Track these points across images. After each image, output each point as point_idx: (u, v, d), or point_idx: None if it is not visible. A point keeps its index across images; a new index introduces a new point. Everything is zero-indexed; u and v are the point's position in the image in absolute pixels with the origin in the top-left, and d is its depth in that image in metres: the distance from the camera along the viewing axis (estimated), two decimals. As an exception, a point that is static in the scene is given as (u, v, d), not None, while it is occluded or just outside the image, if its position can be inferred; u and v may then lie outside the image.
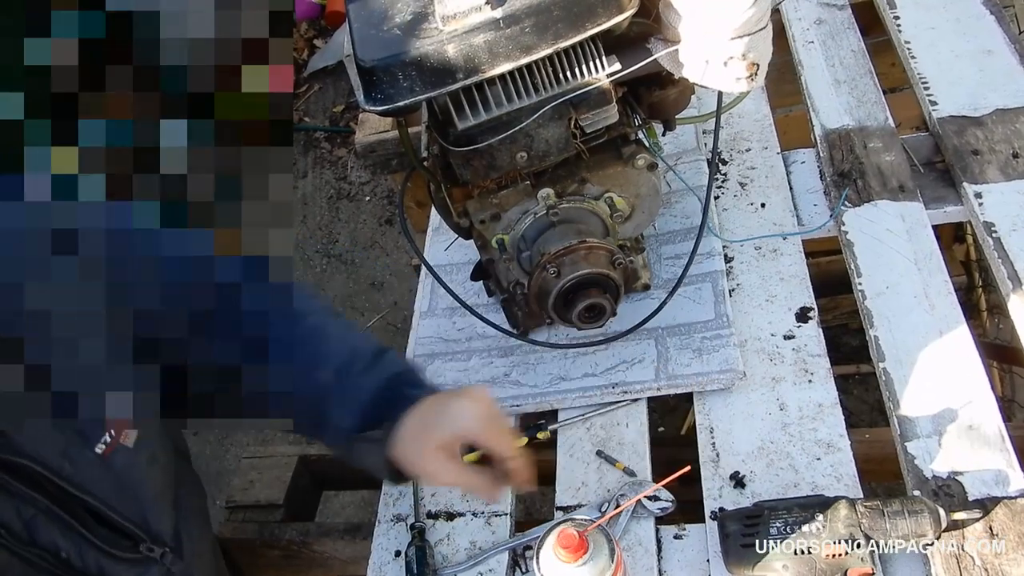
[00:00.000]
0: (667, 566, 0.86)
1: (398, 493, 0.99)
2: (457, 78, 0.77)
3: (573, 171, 0.93)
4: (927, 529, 0.75)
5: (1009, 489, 0.81)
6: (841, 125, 1.22)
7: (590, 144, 0.90)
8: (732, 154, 1.25)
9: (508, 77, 0.79)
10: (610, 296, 0.93)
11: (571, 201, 0.94)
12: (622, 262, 0.94)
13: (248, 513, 1.12)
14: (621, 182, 0.95)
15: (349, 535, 1.07)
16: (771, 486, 0.88)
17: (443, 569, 0.90)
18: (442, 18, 0.77)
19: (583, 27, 0.77)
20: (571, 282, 0.92)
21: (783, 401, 0.94)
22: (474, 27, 0.76)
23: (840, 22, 1.39)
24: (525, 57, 0.77)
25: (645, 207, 0.98)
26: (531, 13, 0.76)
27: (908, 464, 0.85)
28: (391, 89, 0.78)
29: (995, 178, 1.08)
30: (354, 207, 3.02)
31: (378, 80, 0.78)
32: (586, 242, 0.92)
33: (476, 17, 0.76)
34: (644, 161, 0.93)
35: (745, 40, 0.78)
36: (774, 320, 1.02)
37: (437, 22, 0.77)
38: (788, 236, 1.11)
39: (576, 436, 0.99)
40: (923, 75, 1.25)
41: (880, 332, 0.96)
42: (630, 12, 0.79)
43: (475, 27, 0.76)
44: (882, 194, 1.11)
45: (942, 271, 1.01)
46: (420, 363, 1.06)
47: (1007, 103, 1.17)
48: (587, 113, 0.85)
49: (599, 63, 0.81)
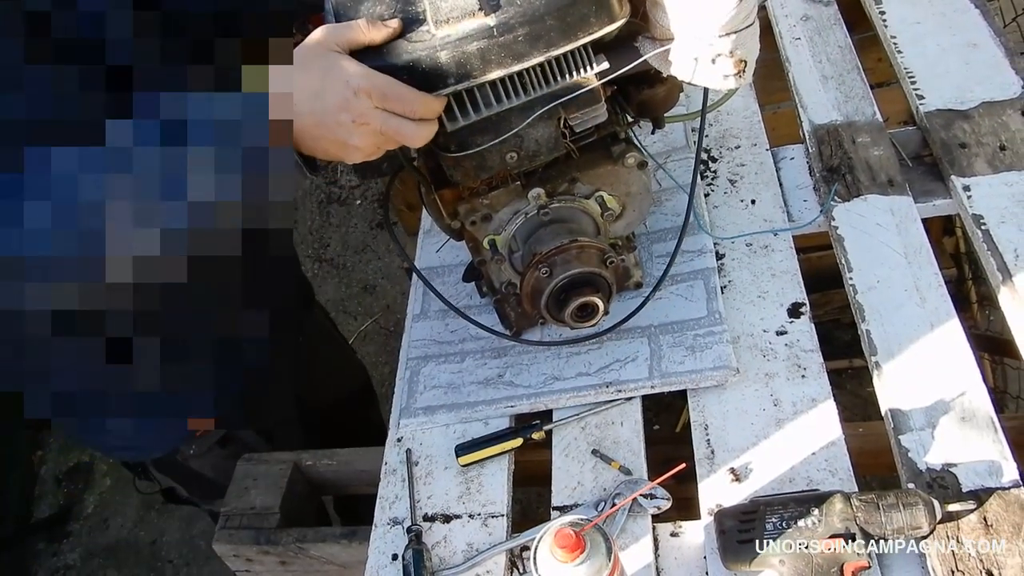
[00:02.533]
0: (664, 564, 0.86)
1: (394, 496, 0.99)
2: (448, 83, 0.77)
3: (563, 170, 0.93)
4: (922, 521, 0.76)
5: (1003, 480, 0.81)
6: (829, 121, 1.22)
7: (579, 143, 0.90)
8: (721, 151, 1.25)
9: (498, 80, 0.79)
10: (602, 295, 0.94)
11: (562, 200, 0.94)
12: (613, 261, 0.94)
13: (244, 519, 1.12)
14: (611, 181, 0.95)
15: (346, 539, 1.06)
16: (766, 482, 0.88)
17: (440, 571, 0.90)
18: (435, 23, 0.77)
19: (575, 36, 0.77)
20: (563, 281, 0.92)
21: (777, 397, 0.94)
22: (467, 34, 0.76)
23: (826, 18, 1.40)
24: (517, 64, 0.77)
25: (636, 205, 0.98)
26: (525, 22, 0.76)
27: (902, 457, 0.85)
28: None
29: (983, 171, 1.09)
30: (345, 211, 3.02)
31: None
32: (577, 241, 0.92)
33: (469, 24, 0.76)
34: (634, 159, 0.93)
35: (732, 37, 0.78)
36: (766, 316, 1.03)
37: (430, 26, 0.77)
38: (779, 232, 1.11)
39: (571, 436, 0.99)
40: (909, 70, 1.26)
41: (872, 326, 0.97)
42: (622, 21, 0.79)
43: (468, 34, 0.76)
44: (871, 189, 1.11)
45: (932, 264, 1.01)
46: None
47: (993, 96, 1.18)
48: (576, 113, 0.85)
49: (588, 64, 0.81)
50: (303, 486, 1.18)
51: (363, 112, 0.75)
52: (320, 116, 0.75)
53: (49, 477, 2.59)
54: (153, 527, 2.38)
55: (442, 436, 1.03)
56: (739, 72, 0.81)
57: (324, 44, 0.76)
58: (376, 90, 0.74)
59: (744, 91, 1.31)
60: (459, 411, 1.04)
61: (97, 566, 2.35)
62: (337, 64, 0.75)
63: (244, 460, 1.19)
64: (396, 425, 1.06)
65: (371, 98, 0.74)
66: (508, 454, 0.99)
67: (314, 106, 0.74)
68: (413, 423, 1.05)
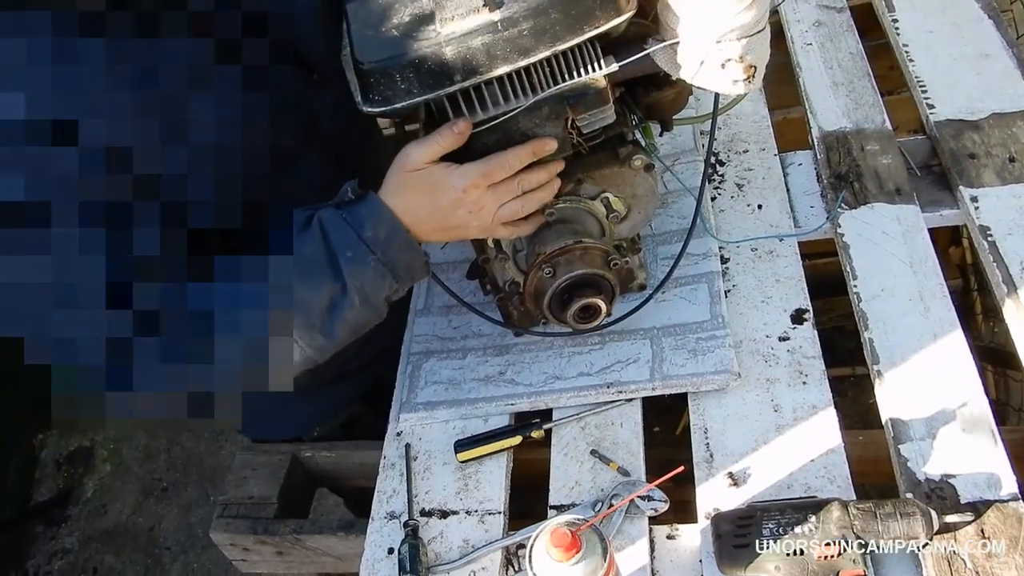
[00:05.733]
0: (660, 566, 0.86)
1: (392, 490, 0.99)
2: (455, 80, 0.77)
3: (570, 171, 0.93)
4: (919, 532, 0.76)
5: (1001, 492, 0.81)
6: (839, 127, 1.22)
7: (587, 144, 0.90)
8: (729, 155, 1.25)
9: (505, 77, 0.79)
10: (605, 296, 0.94)
11: (567, 201, 0.94)
12: (617, 263, 0.94)
13: (242, 508, 1.12)
14: (618, 182, 0.95)
15: (343, 532, 1.07)
16: (764, 487, 0.88)
17: (436, 567, 0.90)
18: (440, 20, 0.77)
19: (581, 30, 0.77)
20: (567, 282, 0.92)
21: (777, 402, 0.94)
22: (472, 30, 0.75)
23: (839, 24, 1.40)
24: (523, 60, 0.77)
25: (641, 208, 0.98)
26: (529, 16, 0.75)
27: (901, 466, 0.85)
28: (389, 91, 0.77)
29: (991, 182, 1.08)
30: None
31: (375, 82, 0.78)
32: (582, 242, 0.92)
33: (474, 20, 0.76)
34: (641, 162, 0.93)
35: (743, 42, 0.78)
36: (769, 321, 1.02)
37: (435, 24, 0.77)
38: (784, 238, 1.11)
39: (570, 435, 0.99)
40: (921, 78, 1.25)
41: (875, 335, 0.97)
42: (628, 14, 0.78)
43: (473, 30, 0.75)
44: (879, 197, 1.11)
45: (937, 274, 1.01)
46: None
47: (1004, 107, 1.17)
48: (584, 113, 0.85)
49: (596, 63, 0.81)
50: (302, 477, 1.18)
51: (476, 200, 0.82)
52: (440, 222, 0.83)
53: (49, 461, 2.60)
54: (152, 513, 2.39)
55: (441, 432, 1.03)
56: (748, 77, 0.80)
57: (417, 166, 0.81)
58: (479, 177, 0.81)
59: (754, 95, 1.30)
60: (459, 407, 1.04)
61: (95, 551, 2.36)
62: (436, 176, 0.81)
63: (244, 450, 1.19)
64: (396, 419, 1.06)
65: (479, 187, 0.81)
66: (507, 452, 0.99)
67: (433, 216, 0.82)
68: (413, 418, 1.05)
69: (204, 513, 2.32)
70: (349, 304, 0.80)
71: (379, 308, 0.84)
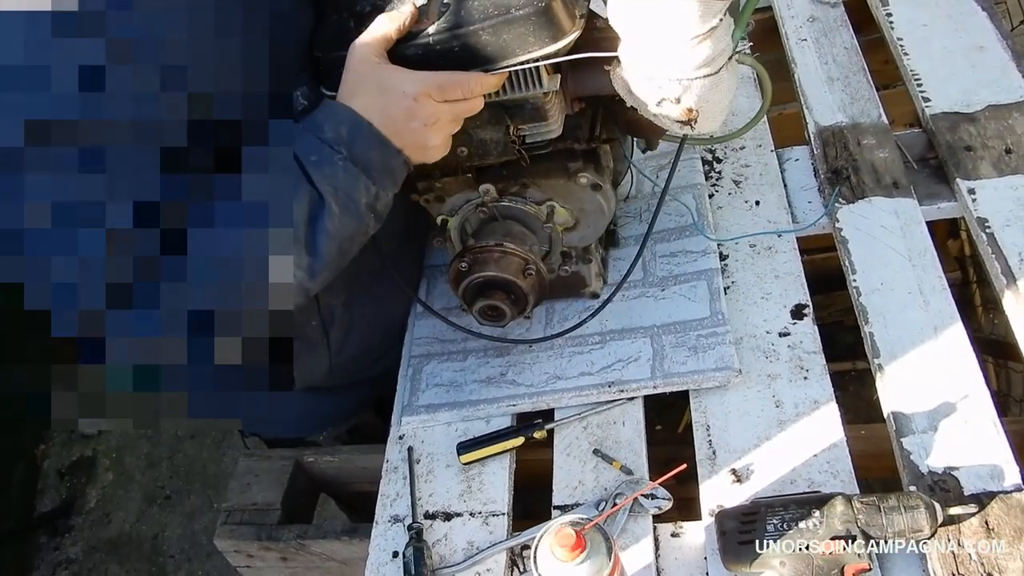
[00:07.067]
0: (664, 564, 0.86)
1: (395, 494, 0.99)
2: None
3: (517, 173, 0.95)
4: (923, 524, 0.76)
5: (1004, 484, 0.81)
6: (835, 122, 1.22)
7: (533, 152, 0.90)
8: (726, 152, 1.25)
9: None
10: (512, 301, 0.97)
11: (512, 201, 0.97)
12: (534, 272, 0.96)
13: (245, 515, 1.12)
14: (564, 194, 0.96)
15: (347, 536, 1.07)
16: (768, 483, 0.88)
17: (441, 569, 0.90)
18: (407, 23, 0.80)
19: (512, 54, 0.77)
20: (476, 280, 0.96)
21: (779, 398, 0.94)
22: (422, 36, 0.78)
23: (833, 19, 1.40)
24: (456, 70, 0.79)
25: (590, 222, 0.99)
26: (461, 34, 0.76)
27: (904, 460, 0.85)
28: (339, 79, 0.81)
29: (988, 174, 1.08)
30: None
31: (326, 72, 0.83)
32: (503, 246, 0.95)
33: (421, 27, 0.78)
34: (587, 180, 0.94)
35: (681, 83, 0.73)
36: (769, 317, 1.02)
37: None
38: (783, 233, 1.11)
39: (573, 435, 0.99)
40: (916, 72, 1.25)
41: (875, 328, 0.97)
42: (570, 38, 0.77)
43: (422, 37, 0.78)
44: (876, 191, 1.11)
45: (936, 267, 1.01)
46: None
47: (999, 99, 1.17)
48: (523, 124, 0.86)
49: (536, 82, 0.81)
50: (305, 482, 1.18)
51: (431, 113, 0.78)
52: (392, 130, 0.78)
53: (52, 471, 2.60)
54: (155, 521, 2.39)
55: (444, 434, 1.03)
56: (689, 121, 0.76)
57: (366, 60, 0.78)
58: (433, 88, 0.77)
59: (750, 92, 1.31)
60: (461, 409, 1.04)
61: (99, 560, 2.35)
62: (387, 77, 0.78)
63: (246, 456, 1.19)
64: (398, 422, 1.06)
65: (432, 97, 0.77)
66: (509, 453, 0.99)
67: (385, 125, 0.78)
68: (415, 421, 1.05)
69: (208, 520, 2.32)
70: (328, 212, 0.76)
71: (361, 215, 0.79)
